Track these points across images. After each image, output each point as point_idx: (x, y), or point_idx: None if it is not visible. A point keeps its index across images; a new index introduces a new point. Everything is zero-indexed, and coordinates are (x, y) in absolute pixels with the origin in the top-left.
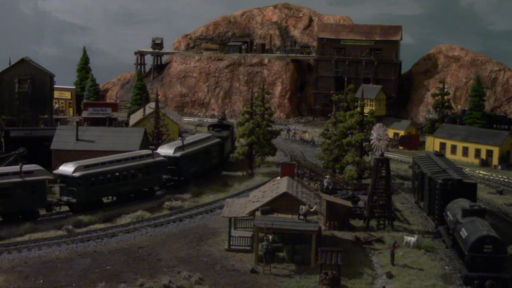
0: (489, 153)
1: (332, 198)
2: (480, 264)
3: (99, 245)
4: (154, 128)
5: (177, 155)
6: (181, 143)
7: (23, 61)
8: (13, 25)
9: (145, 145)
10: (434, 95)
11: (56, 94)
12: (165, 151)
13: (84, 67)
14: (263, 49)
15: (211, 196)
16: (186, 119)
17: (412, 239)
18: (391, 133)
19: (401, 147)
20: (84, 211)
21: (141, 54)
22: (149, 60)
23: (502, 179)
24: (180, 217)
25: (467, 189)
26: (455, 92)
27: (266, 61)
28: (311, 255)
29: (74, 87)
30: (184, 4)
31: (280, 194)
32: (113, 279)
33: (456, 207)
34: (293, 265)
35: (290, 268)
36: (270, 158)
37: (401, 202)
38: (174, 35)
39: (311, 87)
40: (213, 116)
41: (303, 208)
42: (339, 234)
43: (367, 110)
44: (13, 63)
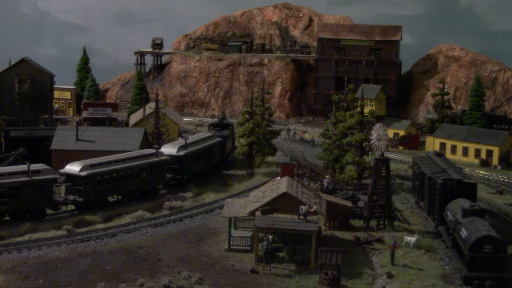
0: (489, 153)
1: (332, 198)
2: (480, 264)
3: (99, 245)
4: (154, 128)
5: (180, 154)
6: (184, 142)
7: (23, 61)
8: (13, 25)
9: (145, 145)
10: (434, 95)
11: (56, 94)
12: (168, 150)
13: (84, 67)
14: (263, 49)
15: (212, 195)
16: (186, 119)
17: (412, 239)
18: (391, 133)
19: (401, 147)
20: (90, 210)
21: (141, 54)
22: (149, 60)
23: (502, 179)
24: (180, 217)
25: (467, 189)
26: (455, 92)
27: (266, 61)
28: (311, 255)
29: (74, 87)
30: (184, 4)
31: (280, 194)
32: (113, 279)
33: (456, 207)
34: (293, 265)
35: (290, 268)
36: (270, 158)
37: (401, 202)
38: (174, 35)
39: (311, 87)
40: (213, 116)
41: (303, 208)
42: (339, 234)
43: (367, 110)
44: (13, 63)
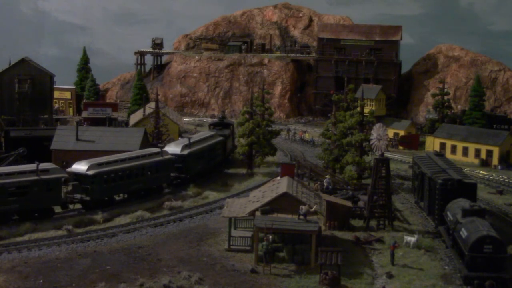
0: (489, 153)
1: (332, 198)
2: (480, 264)
3: (99, 245)
4: (154, 128)
5: (184, 153)
6: (187, 141)
7: (23, 61)
8: (13, 25)
9: (145, 145)
10: (434, 95)
11: (56, 94)
12: (172, 149)
13: (84, 67)
14: (263, 49)
15: (214, 194)
16: (186, 119)
17: (412, 239)
18: (391, 133)
19: (401, 147)
20: (96, 208)
21: (141, 54)
22: (149, 60)
23: (502, 179)
24: (180, 217)
25: (467, 189)
26: (455, 92)
27: (266, 61)
28: (311, 255)
29: (74, 87)
30: (184, 4)
31: (280, 194)
32: (113, 279)
33: (456, 207)
34: (293, 265)
35: (290, 268)
36: (270, 158)
37: (401, 202)
38: (174, 35)
39: (311, 87)
40: (213, 116)
41: (303, 208)
42: (339, 234)
43: (367, 110)
44: (13, 63)
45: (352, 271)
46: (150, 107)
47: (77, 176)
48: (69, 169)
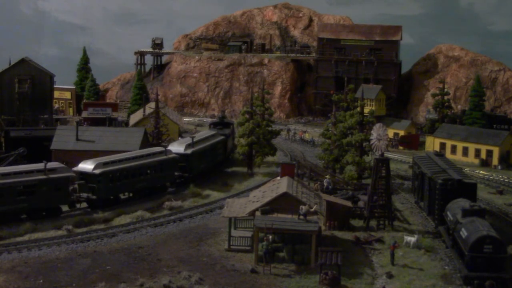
0: (489, 153)
1: (332, 198)
2: (480, 264)
3: (99, 245)
4: (154, 128)
5: (188, 152)
6: (191, 140)
7: (23, 61)
8: (13, 25)
9: (145, 145)
10: (434, 95)
11: (56, 94)
12: (175, 148)
13: (84, 67)
14: (263, 49)
15: (214, 194)
16: (186, 119)
17: (412, 239)
18: (391, 133)
19: (401, 147)
20: (102, 207)
21: (141, 54)
22: (149, 60)
23: (502, 179)
24: (180, 217)
25: (467, 189)
26: (455, 92)
27: (266, 61)
28: (311, 255)
29: (74, 87)
30: (184, 4)
31: (280, 194)
32: (113, 279)
33: (456, 207)
34: (293, 265)
35: (290, 268)
36: (270, 158)
37: (401, 202)
38: (174, 35)
39: (311, 87)
40: (213, 116)
41: (303, 208)
42: (339, 234)
43: (367, 110)
44: (13, 63)
45: (352, 271)
46: (150, 107)
47: (83, 175)
48: (75, 168)
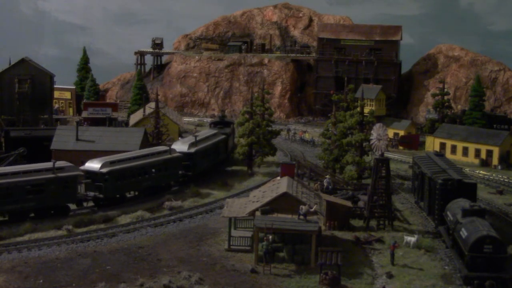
0: (489, 153)
1: (332, 198)
2: (480, 264)
3: (99, 245)
4: (154, 128)
5: (191, 151)
6: (194, 139)
7: (23, 61)
8: (13, 25)
9: (145, 145)
10: (434, 95)
11: (56, 94)
12: (179, 147)
13: (84, 67)
14: (263, 49)
15: (214, 194)
16: (186, 119)
17: (412, 239)
18: (391, 133)
19: (401, 147)
20: (109, 206)
21: (141, 54)
22: (149, 60)
23: (502, 179)
24: (180, 217)
25: (467, 189)
26: (455, 92)
27: (266, 61)
28: (311, 255)
29: (74, 87)
30: (184, 4)
31: (280, 194)
32: (113, 279)
33: (456, 207)
34: (293, 265)
35: (290, 268)
36: (270, 158)
37: (401, 202)
38: (174, 35)
39: (311, 87)
40: (213, 116)
41: (303, 208)
42: (339, 234)
43: (367, 110)
44: (13, 63)
45: (352, 271)
46: (150, 107)
47: (90, 174)
48: (82, 167)
